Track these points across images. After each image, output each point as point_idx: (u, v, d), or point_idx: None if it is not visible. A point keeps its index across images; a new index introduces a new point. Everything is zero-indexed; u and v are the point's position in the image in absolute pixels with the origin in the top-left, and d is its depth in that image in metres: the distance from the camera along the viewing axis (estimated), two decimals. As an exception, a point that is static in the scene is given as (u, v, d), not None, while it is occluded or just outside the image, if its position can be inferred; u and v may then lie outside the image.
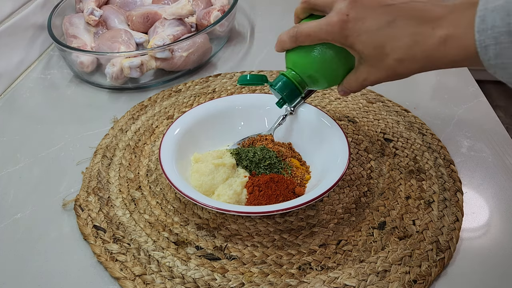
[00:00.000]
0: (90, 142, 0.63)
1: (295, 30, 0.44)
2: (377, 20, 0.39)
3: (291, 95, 0.48)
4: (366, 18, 0.39)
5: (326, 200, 0.53)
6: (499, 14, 0.31)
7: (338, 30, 0.40)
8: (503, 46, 0.31)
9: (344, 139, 0.52)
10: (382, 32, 0.39)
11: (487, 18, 0.32)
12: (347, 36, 0.40)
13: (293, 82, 0.47)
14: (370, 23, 0.39)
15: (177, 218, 0.52)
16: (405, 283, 0.44)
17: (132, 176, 0.57)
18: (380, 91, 0.70)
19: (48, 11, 0.83)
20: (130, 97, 0.72)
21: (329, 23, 0.41)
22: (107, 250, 0.48)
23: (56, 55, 0.85)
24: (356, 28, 0.39)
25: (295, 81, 0.47)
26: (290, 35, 0.44)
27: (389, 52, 0.39)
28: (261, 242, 0.49)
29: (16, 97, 0.75)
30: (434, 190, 0.53)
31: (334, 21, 0.40)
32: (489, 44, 0.32)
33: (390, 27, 0.38)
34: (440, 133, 0.62)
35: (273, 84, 0.48)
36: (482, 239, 0.49)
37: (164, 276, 0.45)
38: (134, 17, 0.80)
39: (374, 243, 0.48)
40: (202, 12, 0.81)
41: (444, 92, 0.70)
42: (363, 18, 0.39)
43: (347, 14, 0.39)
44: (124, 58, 0.70)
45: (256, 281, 0.45)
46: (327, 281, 0.45)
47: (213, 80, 0.74)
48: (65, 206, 0.54)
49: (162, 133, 0.63)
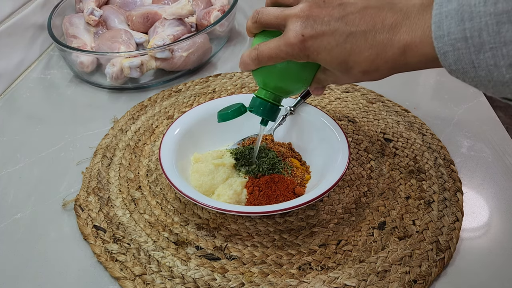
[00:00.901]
0: (90, 142, 0.63)
1: (255, 52, 0.43)
2: (334, 35, 0.38)
3: (270, 112, 0.48)
4: (323, 35, 0.38)
5: (326, 200, 0.53)
6: (454, 19, 0.30)
7: (298, 51, 0.39)
8: (461, 52, 0.31)
9: (344, 139, 0.52)
10: (342, 47, 0.38)
11: (443, 24, 0.31)
12: (308, 55, 0.39)
13: (268, 101, 0.47)
14: (328, 40, 0.38)
15: (177, 218, 0.52)
16: (405, 283, 0.44)
17: (132, 176, 0.57)
18: (380, 91, 0.70)
19: (48, 11, 0.83)
20: (130, 97, 0.72)
21: (287, 44, 0.40)
22: (107, 250, 0.48)
23: (56, 55, 0.85)
24: (315, 46, 0.38)
25: (270, 100, 0.47)
26: (252, 58, 0.43)
27: (352, 66, 0.39)
28: (261, 242, 0.49)
29: (16, 97, 0.75)
30: (434, 190, 0.53)
31: (292, 42, 0.39)
32: (447, 50, 0.31)
33: (349, 42, 0.37)
34: (440, 133, 0.62)
35: (252, 109, 0.48)
36: (482, 239, 0.49)
37: (164, 276, 0.45)
38: (134, 17, 0.80)
39: (374, 243, 0.48)
40: (202, 12, 0.81)
41: (444, 92, 0.70)
42: (320, 35, 0.38)
43: (302, 35, 0.38)
44: (124, 58, 0.70)
45: (256, 281, 0.45)
46: (327, 281, 0.45)
47: (213, 80, 0.74)
48: (65, 206, 0.54)
49: (162, 133, 0.63)
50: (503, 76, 0.30)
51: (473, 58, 0.30)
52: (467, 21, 0.30)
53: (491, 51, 0.29)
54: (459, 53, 0.31)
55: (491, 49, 0.29)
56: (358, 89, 0.70)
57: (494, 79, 0.30)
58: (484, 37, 0.29)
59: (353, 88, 0.71)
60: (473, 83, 0.32)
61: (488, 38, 0.29)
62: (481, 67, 0.30)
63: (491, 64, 0.30)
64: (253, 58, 0.43)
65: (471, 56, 0.30)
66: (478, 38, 0.30)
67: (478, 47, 0.30)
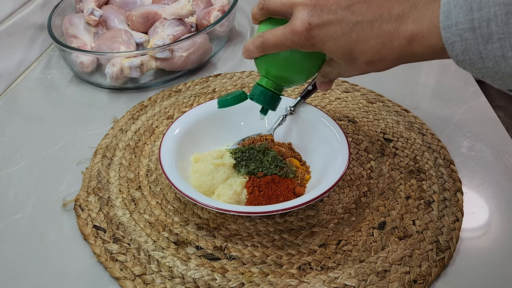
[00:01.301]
0: (90, 142, 0.63)
1: (260, 40, 0.43)
2: (340, 24, 0.38)
3: (271, 101, 0.48)
4: (329, 24, 0.38)
5: (326, 200, 0.53)
6: (462, 9, 0.30)
7: (304, 40, 0.39)
8: (469, 43, 0.31)
9: (344, 139, 0.52)
10: (348, 37, 0.38)
11: (451, 14, 0.31)
12: (313, 44, 0.39)
13: (270, 89, 0.47)
14: (334, 29, 0.38)
15: (177, 218, 0.52)
16: (405, 283, 0.44)
17: (132, 176, 0.57)
18: (380, 91, 0.70)
19: (48, 11, 0.83)
20: (130, 97, 0.72)
21: (293, 32, 0.40)
22: (107, 250, 0.48)
23: (56, 55, 0.85)
24: (321, 35, 0.38)
25: (271, 88, 0.47)
26: (256, 45, 0.43)
27: (358, 56, 0.38)
28: (261, 242, 0.49)
29: (16, 97, 0.75)
30: (434, 190, 0.53)
31: (298, 30, 0.39)
32: (455, 40, 0.31)
33: (355, 31, 0.37)
34: (440, 133, 0.62)
35: (252, 97, 0.48)
36: (482, 239, 0.49)
37: (164, 276, 0.45)
38: (134, 17, 0.80)
39: (374, 243, 0.48)
40: (202, 12, 0.81)
41: (444, 92, 0.70)
42: (326, 24, 0.38)
43: (309, 23, 0.38)
44: (124, 58, 0.70)
45: (256, 281, 0.45)
46: (327, 281, 0.45)
47: (213, 80, 0.74)
48: (65, 206, 0.54)
49: (162, 133, 0.63)
50: (510, 67, 0.30)
51: (481, 48, 0.30)
52: (475, 11, 0.30)
53: (499, 42, 0.29)
54: (466, 43, 0.31)
55: (499, 40, 0.29)
56: (358, 89, 0.70)
57: (502, 71, 0.30)
58: (492, 27, 0.29)
59: (353, 88, 0.71)
60: (480, 75, 0.32)
61: (497, 29, 0.29)
62: (489, 58, 0.30)
63: (498, 55, 0.30)
64: (257, 45, 0.43)
65: (478, 47, 0.30)
66: (486, 29, 0.29)
67: (486, 38, 0.30)
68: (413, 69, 0.75)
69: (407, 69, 0.75)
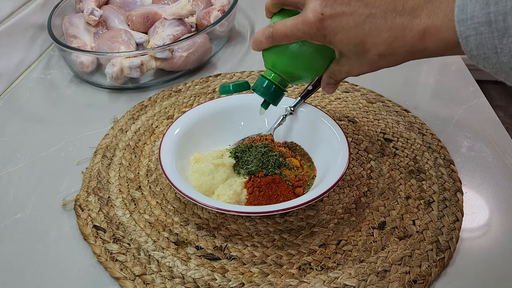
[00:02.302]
0: (90, 142, 0.63)
1: (270, 30, 0.42)
2: (353, 16, 0.37)
3: (274, 96, 0.47)
4: (342, 15, 0.38)
5: (326, 200, 0.53)
6: (478, 3, 0.30)
7: (315, 30, 0.39)
8: (484, 37, 0.30)
9: (344, 139, 0.52)
10: (360, 28, 0.37)
11: (467, 7, 0.31)
12: (325, 35, 0.39)
13: (275, 83, 0.46)
14: (346, 20, 0.38)
15: (177, 218, 0.52)
16: (405, 283, 0.44)
17: (132, 176, 0.57)
18: (380, 91, 0.70)
19: (48, 11, 0.83)
20: (130, 97, 0.72)
21: (305, 23, 0.39)
22: (107, 250, 0.48)
23: (56, 55, 0.85)
24: (333, 26, 0.38)
25: (276, 82, 0.46)
26: (266, 35, 0.43)
27: (369, 48, 0.38)
28: (261, 242, 0.49)
29: (16, 97, 0.75)
30: (434, 190, 0.53)
31: (310, 20, 0.39)
32: (470, 34, 0.31)
33: (368, 23, 0.37)
34: (440, 133, 0.62)
35: (255, 89, 0.47)
36: (482, 239, 0.49)
37: (164, 276, 0.45)
38: (134, 17, 0.80)
39: (374, 243, 0.48)
40: (202, 12, 0.81)
41: (444, 92, 0.70)
42: (339, 15, 0.38)
43: (322, 13, 0.38)
44: (124, 58, 0.70)
45: (256, 281, 0.45)
46: (327, 281, 0.45)
47: (213, 80, 0.74)
48: (65, 206, 0.54)
49: (162, 133, 0.64)
50: None
51: (496, 43, 0.30)
52: (492, 4, 0.29)
53: None
54: (481, 37, 0.30)
55: None
56: (358, 89, 0.70)
57: None
58: (509, 21, 0.29)
59: (353, 88, 0.71)
60: (493, 70, 0.32)
61: None
62: (504, 52, 0.30)
63: None
64: (267, 35, 0.43)
65: (494, 41, 0.30)
66: (503, 23, 0.29)
67: (502, 32, 0.29)
68: (413, 69, 0.75)
69: (407, 69, 0.75)
